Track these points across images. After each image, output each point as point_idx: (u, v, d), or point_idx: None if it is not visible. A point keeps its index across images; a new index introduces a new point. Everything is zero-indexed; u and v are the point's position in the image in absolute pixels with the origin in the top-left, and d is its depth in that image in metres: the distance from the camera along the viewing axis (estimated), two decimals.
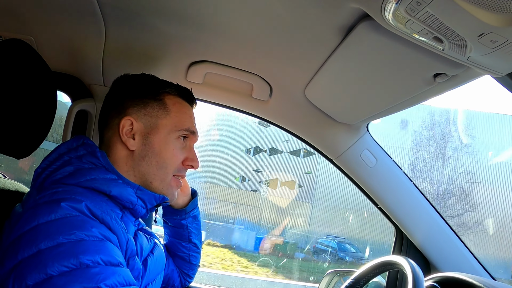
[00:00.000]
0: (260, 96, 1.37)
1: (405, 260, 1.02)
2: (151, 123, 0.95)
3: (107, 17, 1.06)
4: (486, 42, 0.67)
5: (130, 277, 0.75)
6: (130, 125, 0.93)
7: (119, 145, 0.94)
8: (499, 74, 0.79)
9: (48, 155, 0.90)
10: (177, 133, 0.96)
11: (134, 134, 0.94)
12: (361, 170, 1.46)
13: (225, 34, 1.08)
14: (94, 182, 0.85)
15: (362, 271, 1.18)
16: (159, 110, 0.96)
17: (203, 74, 1.31)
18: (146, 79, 1.00)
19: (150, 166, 0.94)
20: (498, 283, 1.11)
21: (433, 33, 0.71)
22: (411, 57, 0.88)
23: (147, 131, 0.94)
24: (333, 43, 0.97)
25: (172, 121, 0.96)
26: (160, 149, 0.94)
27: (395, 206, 1.48)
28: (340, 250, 12.29)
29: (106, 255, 0.73)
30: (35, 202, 0.77)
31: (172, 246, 1.26)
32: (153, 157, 0.94)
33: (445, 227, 1.48)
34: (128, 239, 0.84)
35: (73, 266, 0.68)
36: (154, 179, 0.94)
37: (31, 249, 0.69)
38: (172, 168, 0.96)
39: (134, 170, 0.93)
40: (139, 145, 0.94)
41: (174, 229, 1.24)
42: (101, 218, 0.78)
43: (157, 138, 0.94)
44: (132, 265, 0.85)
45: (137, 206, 0.91)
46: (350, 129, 1.42)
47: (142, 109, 0.95)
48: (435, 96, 1.03)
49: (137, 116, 0.94)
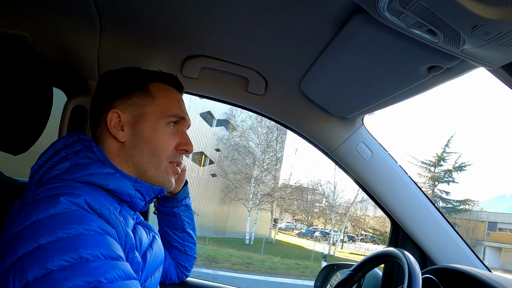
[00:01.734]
0: (255, 90, 1.36)
1: (401, 252, 1.03)
2: (138, 112, 0.94)
3: (101, 12, 1.06)
4: (479, 35, 0.67)
5: (130, 271, 0.75)
6: (118, 117, 0.93)
7: (110, 139, 0.94)
8: (493, 66, 0.79)
9: (44, 152, 0.90)
10: (165, 119, 0.95)
11: (122, 126, 0.93)
12: (357, 163, 1.46)
13: (220, 28, 1.08)
14: (92, 176, 0.85)
15: (358, 264, 1.19)
16: (145, 98, 0.95)
17: (199, 68, 1.31)
18: (130, 71, 1.00)
19: (142, 155, 0.93)
20: (493, 275, 1.12)
21: (427, 26, 0.71)
22: (406, 50, 0.88)
23: (134, 120, 0.94)
24: (328, 37, 0.97)
25: (158, 107, 0.95)
26: (150, 137, 0.94)
27: (391, 199, 1.49)
28: None
29: (106, 249, 0.73)
30: (33, 198, 0.77)
31: (167, 236, 1.27)
32: (144, 145, 0.93)
33: (441, 220, 1.48)
34: (127, 233, 0.84)
35: (73, 261, 0.68)
36: (149, 167, 0.94)
37: (31, 244, 0.69)
38: (165, 154, 0.95)
39: (127, 161, 0.93)
40: (128, 135, 0.93)
41: (167, 218, 1.26)
42: (100, 212, 0.78)
43: (145, 126, 0.94)
44: (131, 259, 0.85)
45: (135, 199, 0.91)
46: (346, 123, 1.42)
47: (127, 100, 0.95)
48: (430, 88, 1.03)
49: (123, 107, 0.94)
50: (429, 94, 1.52)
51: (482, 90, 49.45)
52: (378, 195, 1.50)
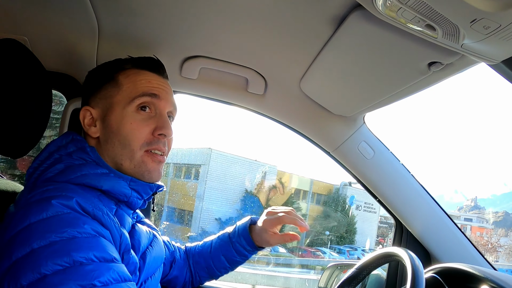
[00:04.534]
0: (255, 90, 1.36)
1: (404, 251, 1.01)
2: (106, 104, 0.92)
3: (99, 15, 1.06)
4: (479, 28, 0.66)
5: (125, 273, 0.75)
6: (90, 114, 0.93)
7: (87, 137, 0.94)
8: (494, 61, 0.78)
9: (39, 154, 0.89)
10: (132, 104, 0.91)
11: (95, 122, 0.93)
12: (359, 162, 1.45)
13: (218, 28, 1.08)
14: (85, 178, 0.84)
15: (362, 264, 1.18)
16: (112, 89, 0.93)
17: (198, 69, 1.30)
18: (101, 66, 0.99)
19: (114, 147, 0.90)
20: (499, 273, 1.10)
21: (425, 21, 0.70)
22: (405, 46, 0.87)
23: (103, 114, 0.92)
24: (326, 35, 0.96)
25: (124, 94, 0.92)
26: (118, 127, 0.90)
27: (394, 198, 1.48)
28: None
29: (100, 251, 0.72)
30: (26, 201, 0.77)
31: (212, 259, 1.25)
32: (114, 136, 0.90)
33: (445, 218, 1.47)
34: (121, 234, 0.83)
35: (67, 264, 0.67)
36: (123, 160, 0.90)
37: (24, 249, 0.68)
38: (136, 143, 0.90)
39: (104, 156, 0.91)
40: (100, 130, 0.92)
41: (232, 252, 1.23)
42: (93, 214, 0.77)
43: (113, 117, 0.91)
44: (127, 259, 0.84)
45: (132, 198, 0.90)
46: (347, 121, 1.41)
47: (97, 95, 0.94)
48: (431, 85, 1.03)
49: (94, 103, 0.94)
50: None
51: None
52: (381, 194, 1.49)
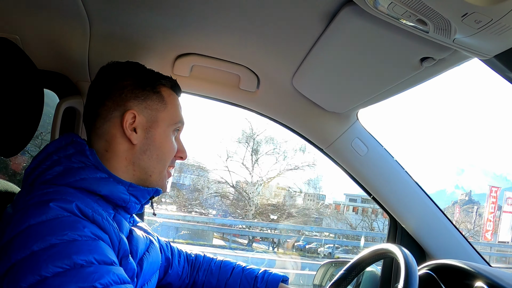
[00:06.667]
0: (247, 87, 1.35)
1: (398, 248, 1.01)
2: (152, 116, 0.95)
3: (91, 13, 1.05)
4: (470, 23, 0.66)
5: (124, 276, 0.75)
6: (133, 118, 0.92)
7: (120, 139, 0.92)
8: (487, 56, 0.77)
9: (37, 155, 0.88)
10: (174, 126, 0.98)
11: (135, 128, 0.92)
12: (352, 159, 1.45)
13: (210, 26, 1.07)
14: (84, 182, 0.84)
15: (355, 261, 1.18)
16: (158, 103, 0.96)
17: (190, 66, 1.30)
18: (141, 68, 0.99)
19: (151, 160, 0.94)
20: (493, 269, 1.10)
21: (417, 16, 0.69)
22: (397, 42, 0.86)
23: (148, 124, 0.94)
24: (317, 31, 0.95)
25: (169, 114, 0.97)
26: (162, 143, 0.95)
27: (388, 195, 1.48)
28: None
29: (100, 254, 0.72)
30: (25, 203, 0.76)
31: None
32: (154, 150, 0.94)
33: (439, 214, 1.47)
34: (120, 239, 0.83)
35: (67, 267, 0.67)
36: (154, 172, 0.95)
37: (24, 251, 0.68)
38: (169, 160, 0.98)
39: (134, 164, 0.93)
40: (141, 138, 0.93)
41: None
42: (92, 218, 0.77)
43: (158, 131, 0.95)
44: (125, 265, 0.83)
45: (130, 203, 0.90)
46: (340, 118, 1.41)
47: (143, 102, 0.94)
48: (424, 81, 1.02)
49: (138, 109, 0.93)
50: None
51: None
52: (375, 191, 1.49)
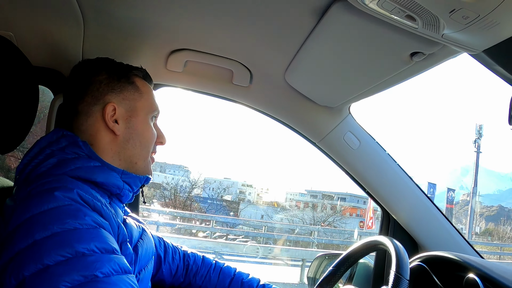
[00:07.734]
0: (240, 82, 1.36)
1: (389, 240, 1.02)
2: (130, 106, 0.98)
3: (85, 9, 1.05)
4: (458, 19, 0.67)
5: (125, 264, 0.76)
6: (113, 110, 0.95)
7: (103, 131, 0.95)
8: (475, 51, 0.78)
9: (29, 151, 0.89)
10: (151, 113, 1.02)
11: (116, 119, 0.96)
12: (344, 153, 1.46)
13: (203, 21, 1.07)
14: (79, 171, 0.86)
15: (347, 253, 1.19)
16: (135, 93, 1.00)
17: (183, 62, 1.30)
18: (112, 62, 1.02)
19: (135, 148, 0.98)
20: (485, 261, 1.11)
21: (405, 11, 0.70)
22: (387, 37, 0.87)
23: (128, 114, 0.98)
24: (309, 26, 0.96)
25: (146, 103, 1.02)
26: (143, 130, 1.00)
27: (381, 188, 1.49)
28: None
29: (101, 242, 0.73)
30: (27, 193, 0.77)
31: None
32: (137, 138, 0.98)
33: (431, 207, 1.48)
34: (119, 225, 0.86)
35: (69, 255, 0.68)
36: (139, 159, 0.99)
37: (26, 240, 0.69)
38: (151, 146, 1.03)
39: (119, 154, 0.96)
40: (123, 129, 0.96)
41: None
42: (93, 205, 0.79)
43: (138, 120, 0.99)
44: (124, 250, 0.86)
45: (124, 191, 0.93)
46: (332, 112, 1.41)
47: (120, 94, 0.98)
48: (414, 75, 1.03)
49: (117, 101, 0.96)
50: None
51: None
52: (367, 184, 1.50)
